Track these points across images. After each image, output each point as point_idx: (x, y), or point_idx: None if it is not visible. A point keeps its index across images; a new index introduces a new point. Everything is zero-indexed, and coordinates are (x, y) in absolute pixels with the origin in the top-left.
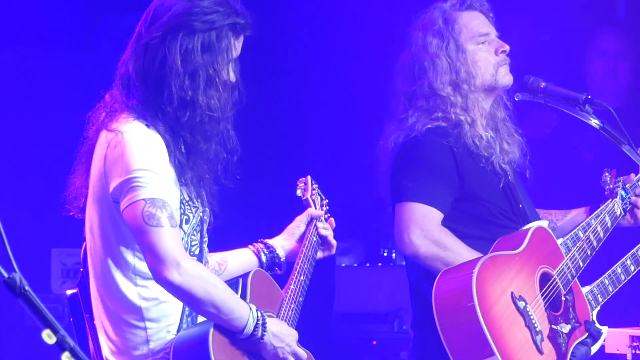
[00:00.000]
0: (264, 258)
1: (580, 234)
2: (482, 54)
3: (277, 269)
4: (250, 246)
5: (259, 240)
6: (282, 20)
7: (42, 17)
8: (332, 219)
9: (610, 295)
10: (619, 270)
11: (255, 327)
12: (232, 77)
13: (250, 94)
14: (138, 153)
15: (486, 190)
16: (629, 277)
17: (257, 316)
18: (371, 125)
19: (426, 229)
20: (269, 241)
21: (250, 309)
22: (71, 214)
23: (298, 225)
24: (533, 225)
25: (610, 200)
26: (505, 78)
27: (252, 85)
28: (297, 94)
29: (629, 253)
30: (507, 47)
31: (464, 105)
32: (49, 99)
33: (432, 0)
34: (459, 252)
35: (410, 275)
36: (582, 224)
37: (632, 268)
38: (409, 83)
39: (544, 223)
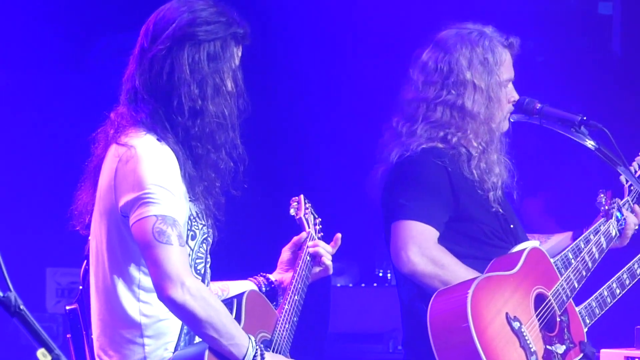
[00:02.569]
0: (264, 289)
1: (570, 255)
2: (503, 97)
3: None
4: (252, 278)
5: (260, 273)
6: (279, 36)
7: (34, 38)
8: (338, 236)
9: (597, 317)
10: (606, 293)
11: (254, 358)
12: (236, 85)
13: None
14: (151, 169)
15: (479, 211)
16: (624, 292)
17: (256, 347)
18: (367, 144)
19: (424, 246)
20: (269, 275)
21: (250, 339)
22: (77, 229)
23: (287, 255)
24: (528, 245)
25: (605, 221)
26: (506, 125)
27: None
28: (291, 113)
29: (626, 267)
30: (517, 97)
31: (475, 135)
32: (42, 119)
33: (422, 20)
34: (456, 270)
35: (402, 293)
36: (571, 246)
37: (628, 282)
38: (431, 89)
39: (536, 243)
